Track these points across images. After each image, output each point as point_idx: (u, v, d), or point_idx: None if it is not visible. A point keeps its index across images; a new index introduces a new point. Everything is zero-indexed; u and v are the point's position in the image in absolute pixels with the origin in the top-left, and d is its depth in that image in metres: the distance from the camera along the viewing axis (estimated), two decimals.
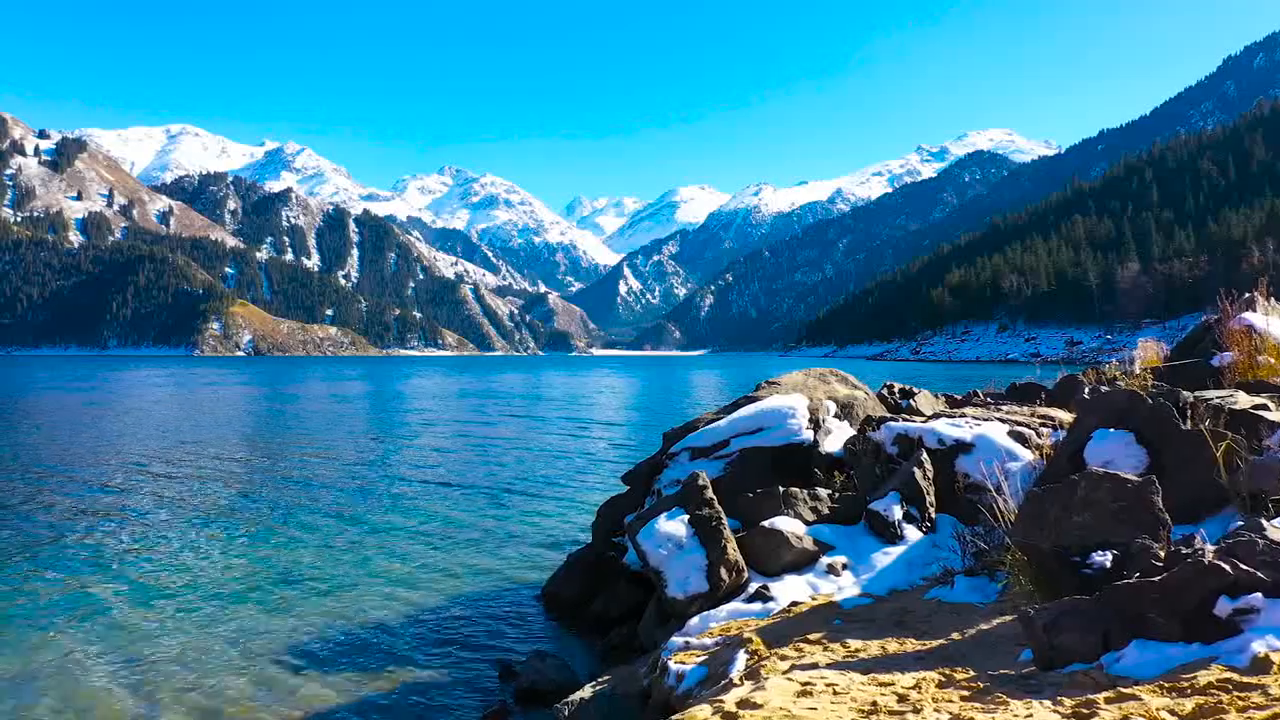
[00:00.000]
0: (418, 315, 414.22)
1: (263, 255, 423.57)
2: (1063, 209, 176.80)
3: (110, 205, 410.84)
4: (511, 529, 11.30)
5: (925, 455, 5.70)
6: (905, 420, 6.16)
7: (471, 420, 30.68)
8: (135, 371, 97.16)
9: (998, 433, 5.71)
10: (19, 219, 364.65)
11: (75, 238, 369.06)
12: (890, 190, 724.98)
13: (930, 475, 5.59)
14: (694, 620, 4.97)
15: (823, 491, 5.96)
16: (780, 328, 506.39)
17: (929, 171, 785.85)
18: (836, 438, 6.94)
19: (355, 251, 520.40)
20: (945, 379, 58.80)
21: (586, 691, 4.67)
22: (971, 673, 3.15)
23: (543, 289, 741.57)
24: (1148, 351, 10.70)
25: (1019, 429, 5.82)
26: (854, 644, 3.94)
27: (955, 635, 3.88)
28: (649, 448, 19.96)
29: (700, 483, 5.53)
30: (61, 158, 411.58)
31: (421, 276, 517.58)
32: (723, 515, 5.45)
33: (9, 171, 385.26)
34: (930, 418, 6.38)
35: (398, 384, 66.17)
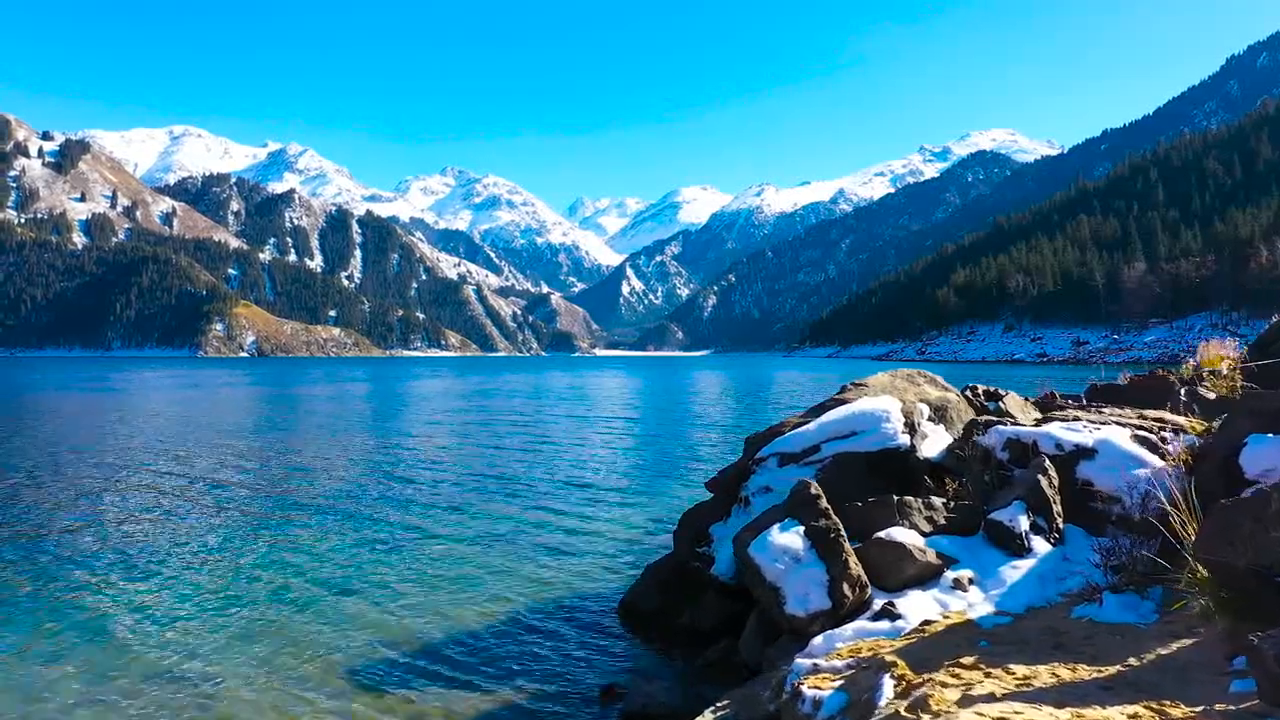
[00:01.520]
0: (421, 316, 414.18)
1: (266, 256, 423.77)
2: (1067, 209, 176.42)
3: (114, 207, 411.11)
4: (576, 536, 10.92)
5: (1047, 462, 5.40)
6: (1015, 424, 5.88)
7: (509, 421, 29.93)
8: (143, 372, 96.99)
9: (1121, 437, 5.42)
10: (23, 220, 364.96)
11: (79, 239, 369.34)
12: (893, 190, 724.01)
13: (1056, 483, 5.29)
14: (818, 640, 4.72)
15: (937, 500, 5.65)
16: (783, 328, 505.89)
17: (931, 171, 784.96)
18: (934, 442, 6.65)
19: (358, 252, 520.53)
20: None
21: (708, 717, 4.40)
22: (1185, 708, 2.90)
23: (545, 290, 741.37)
24: (1210, 351, 10.41)
25: (1141, 433, 5.53)
26: (1019, 670, 3.65)
27: (1133, 661, 3.62)
28: (700, 450, 19.69)
29: (813, 491, 5.24)
30: (65, 159, 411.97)
31: (424, 277, 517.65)
32: (840, 527, 5.15)
33: (13, 173, 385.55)
34: (1040, 421, 6.10)
35: (415, 384, 65.86)
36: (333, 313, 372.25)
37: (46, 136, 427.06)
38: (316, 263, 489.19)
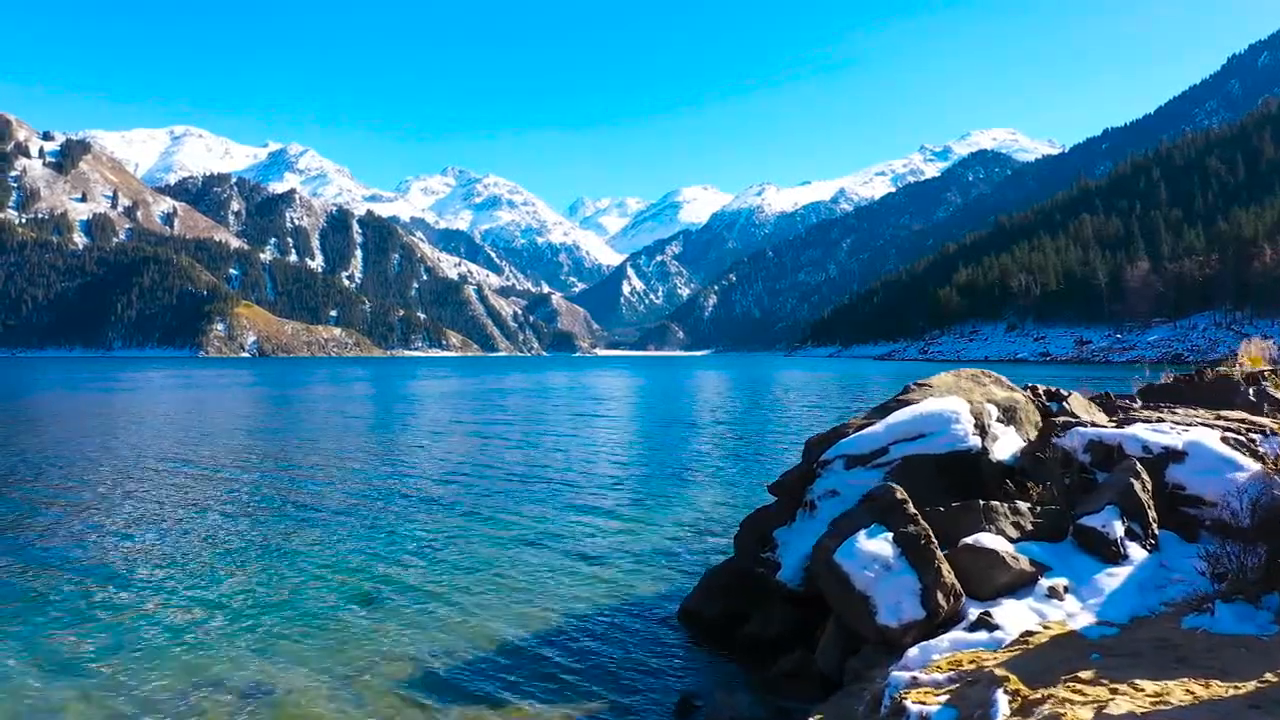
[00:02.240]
0: (421, 316, 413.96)
1: (267, 256, 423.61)
2: (1069, 208, 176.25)
3: (114, 207, 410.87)
4: (621, 538, 10.63)
5: (1139, 464, 5.23)
6: (1095, 425, 5.71)
7: (534, 421, 29.60)
8: (148, 372, 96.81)
9: (1210, 439, 5.27)
10: (24, 220, 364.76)
11: (80, 239, 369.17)
12: (894, 190, 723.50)
13: (1149, 486, 5.14)
14: (913, 651, 4.53)
15: (1023, 505, 5.48)
16: (784, 328, 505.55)
17: (932, 171, 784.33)
18: (1004, 444, 6.46)
19: (359, 252, 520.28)
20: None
21: None
22: None
23: (546, 289, 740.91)
24: (1251, 349, 10.28)
25: (1230, 435, 5.37)
26: (1147, 685, 3.47)
27: (1270, 676, 3.46)
28: (733, 450, 19.43)
29: (899, 496, 5.09)
30: (66, 159, 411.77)
31: (425, 277, 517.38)
32: (930, 533, 4.98)
33: (14, 173, 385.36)
34: (1121, 422, 5.93)
35: (426, 384, 65.57)
36: (334, 313, 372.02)
37: (47, 137, 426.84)
38: (317, 263, 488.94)
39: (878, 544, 5.04)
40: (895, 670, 4.30)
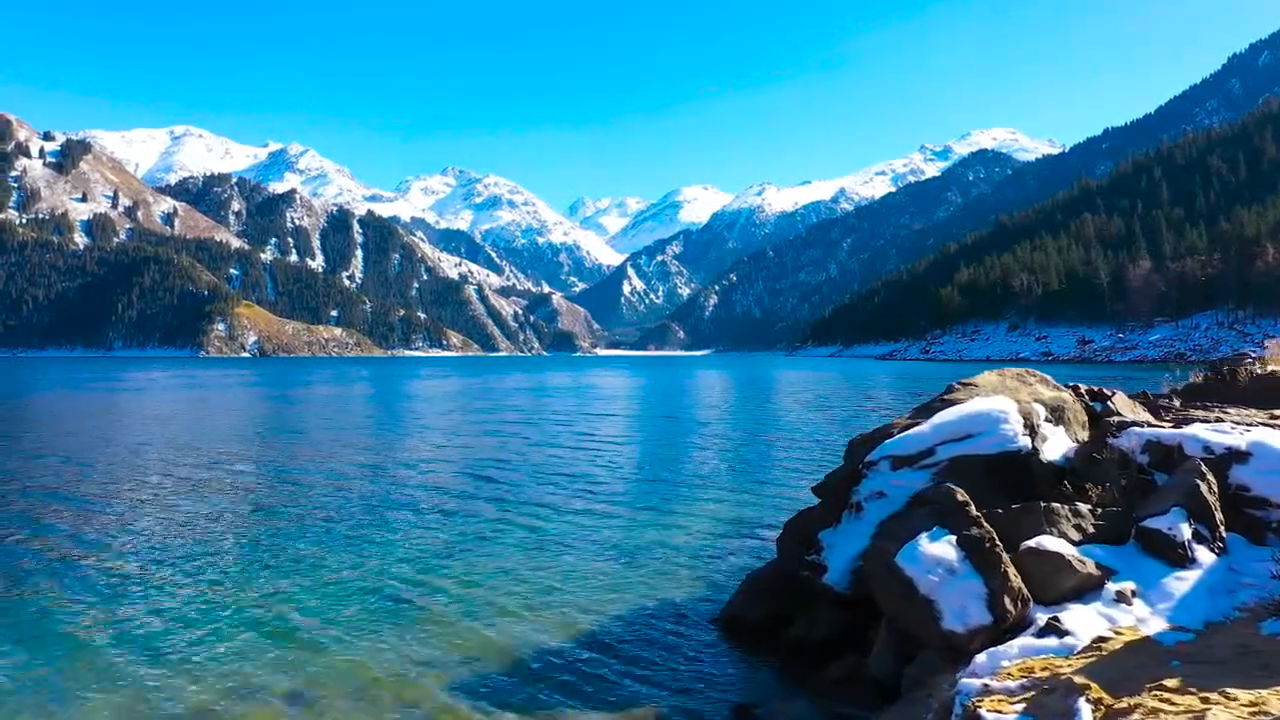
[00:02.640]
0: (422, 316, 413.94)
1: (267, 256, 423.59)
2: (1071, 207, 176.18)
3: (115, 207, 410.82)
4: (654, 539, 10.43)
5: (1203, 465, 5.13)
6: (1153, 425, 5.61)
7: (553, 420, 29.30)
8: (152, 372, 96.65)
9: (1276, 440, 5.18)
10: (24, 221, 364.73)
11: (80, 239, 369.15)
12: (894, 189, 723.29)
13: (1215, 488, 5.04)
14: (980, 658, 4.43)
15: (1083, 507, 5.39)
16: (784, 327, 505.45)
17: (933, 171, 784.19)
18: (1054, 445, 6.35)
19: (359, 252, 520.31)
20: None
21: None
22: None
23: (546, 289, 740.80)
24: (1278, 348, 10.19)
25: None
26: (1240, 695, 3.35)
27: None
28: (760, 449, 19.19)
29: (960, 498, 4.99)
30: (66, 159, 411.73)
31: (425, 277, 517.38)
32: (995, 536, 4.87)
33: (14, 173, 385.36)
34: (1178, 422, 5.84)
35: (435, 383, 65.33)
36: (334, 313, 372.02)
37: (48, 137, 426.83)
38: (318, 263, 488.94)
39: (941, 547, 4.94)
40: (964, 678, 4.19)
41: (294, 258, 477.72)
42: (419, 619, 7.46)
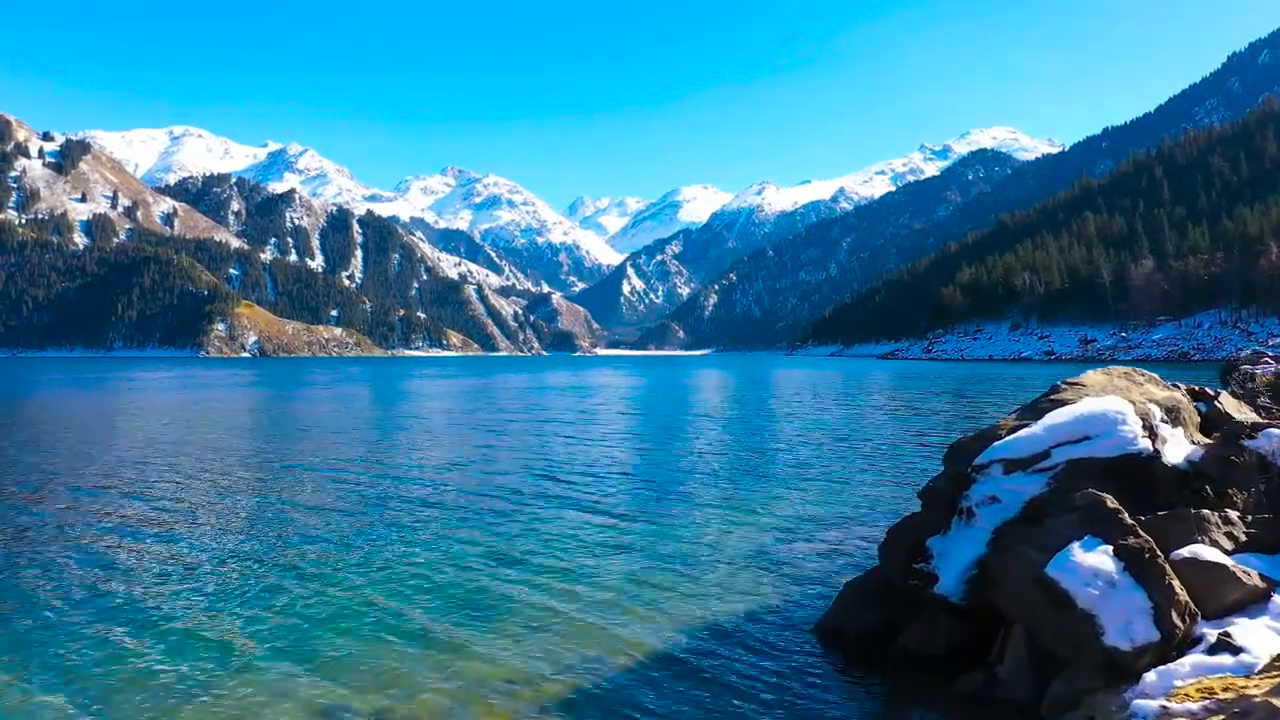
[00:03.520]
0: (422, 316, 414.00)
1: (267, 256, 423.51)
2: (1072, 206, 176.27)
3: (114, 207, 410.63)
4: (729, 546, 9.98)
5: None
6: None
7: (599, 419, 28.85)
8: (157, 372, 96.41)
9: None
10: (24, 221, 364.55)
11: (80, 239, 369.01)
12: (894, 189, 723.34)
13: None
14: (1150, 677, 4.25)
15: (1233, 513, 5.28)
16: (784, 327, 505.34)
17: (932, 170, 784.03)
18: (1174, 447, 6.17)
19: (359, 252, 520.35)
20: (963, 378, 58.32)
21: None
22: None
23: (546, 289, 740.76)
24: None
25: None
26: None
27: None
28: (810, 450, 18.83)
29: (1110, 505, 4.86)
30: (66, 159, 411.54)
31: (425, 277, 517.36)
32: (1154, 545, 4.72)
33: (13, 174, 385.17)
34: None
35: (450, 382, 64.65)
36: (334, 313, 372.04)
37: (47, 137, 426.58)
38: (317, 263, 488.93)
39: (1096, 557, 4.76)
40: (1136, 699, 4.07)
41: (294, 258, 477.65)
42: (493, 627, 7.32)
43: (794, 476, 15.38)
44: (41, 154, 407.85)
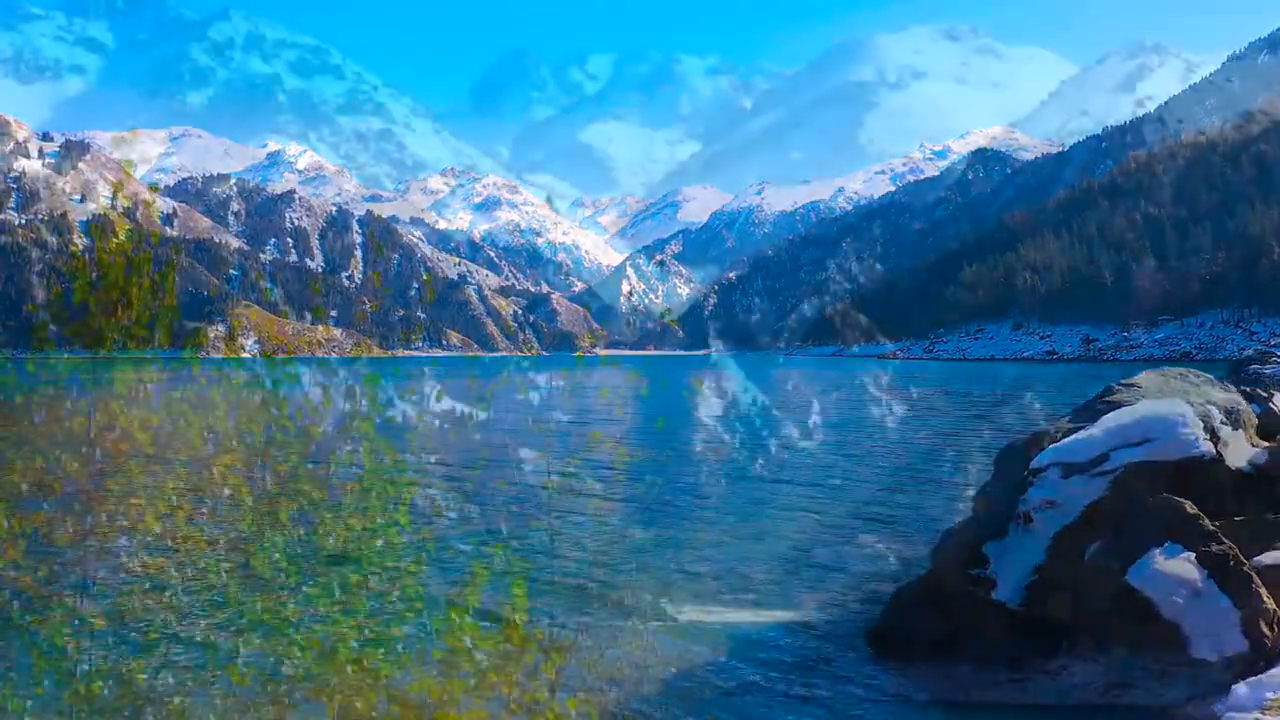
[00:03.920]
0: (422, 316, 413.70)
1: (266, 256, 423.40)
2: (1073, 206, 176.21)
3: (114, 207, 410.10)
4: (778, 547, 9.86)
5: None
6: None
7: (630, 421, 28.81)
8: (178, 371, 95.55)
9: None
10: (23, 221, 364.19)
11: (80, 240, 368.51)
12: (893, 189, 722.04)
13: None
14: (1240, 689, 4.12)
15: None
16: (784, 327, 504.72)
17: (932, 170, 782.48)
18: (1237, 450, 6.02)
19: (359, 252, 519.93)
20: (964, 378, 58.34)
21: None
22: None
23: (545, 289, 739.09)
24: None
25: None
26: None
27: None
28: (838, 453, 18.81)
29: (1189, 510, 4.81)
30: (65, 160, 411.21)
31: (425, 277, 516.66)
32: (1239, 553, 4.62)
33: (13, 174, 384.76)
34: None
35: (467, 381, 63.80)
36: (334, 313, 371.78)
37: (46, 137, 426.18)
38: (317, 263, 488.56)
39: (1179, 564, 4.65)
40: (1228, 711, 3.91)
41: (293, 258, 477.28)
42: (547, 626, 7.23)
43: (820, 478, 15.36)
44: (41, 154, 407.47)
